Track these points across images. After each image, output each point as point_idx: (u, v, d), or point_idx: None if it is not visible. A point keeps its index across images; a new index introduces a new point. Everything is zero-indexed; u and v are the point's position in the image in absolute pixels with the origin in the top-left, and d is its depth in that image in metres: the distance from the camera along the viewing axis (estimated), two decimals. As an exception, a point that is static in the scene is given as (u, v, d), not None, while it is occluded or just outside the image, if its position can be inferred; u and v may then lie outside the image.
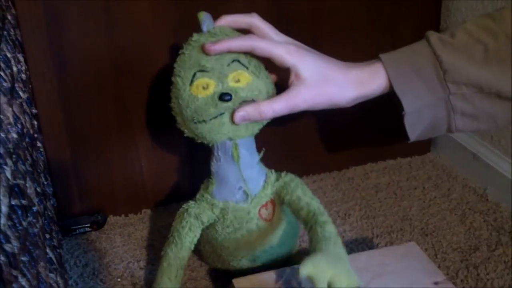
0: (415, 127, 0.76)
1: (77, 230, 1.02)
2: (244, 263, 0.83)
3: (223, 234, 0.81)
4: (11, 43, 0.75)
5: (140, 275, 0.93)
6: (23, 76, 0.82)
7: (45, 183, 0.88)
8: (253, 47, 0.73)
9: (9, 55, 0.69)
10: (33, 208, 0.63)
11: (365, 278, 0.77)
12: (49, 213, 0.86)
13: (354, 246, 0.98)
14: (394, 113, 0.79)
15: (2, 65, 0.63)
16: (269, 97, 0.76)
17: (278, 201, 0.82)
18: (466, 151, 1.13)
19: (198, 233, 0.81)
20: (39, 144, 0.90)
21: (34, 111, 0.91)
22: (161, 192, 1.09)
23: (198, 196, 0.83)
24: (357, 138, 1.17)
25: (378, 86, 0.76)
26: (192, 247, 0.81)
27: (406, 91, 0.74)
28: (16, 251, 0.51)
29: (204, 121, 0.73)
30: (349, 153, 1.19)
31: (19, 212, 0.55)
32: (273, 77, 0.80)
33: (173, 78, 0.75)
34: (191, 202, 0.82)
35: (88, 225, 1.03)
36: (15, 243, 0.50)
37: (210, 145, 0.79)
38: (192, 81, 0.73)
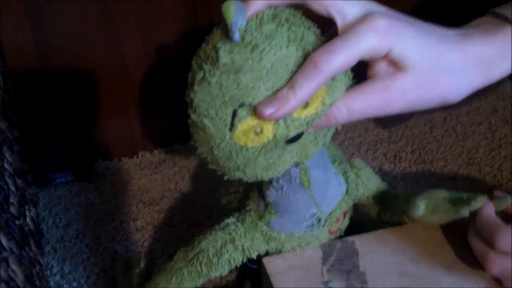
0: None
1: (57, 180, 0.82)
2: None
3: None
4: None
5: (137, 240, 0.73)
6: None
7: (3, 125, 0.66)
8: (335, 69, 0.45)
9: None
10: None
11: (447, 256, 0.56)
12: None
13: (410, 199, 0.77)
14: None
15: None
16: None
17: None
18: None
19: (235, 265, 0.57)
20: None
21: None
22: (162, 130, 0.88)
23: (246, 218, 0.57)
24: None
25: (508, 67, 0.49)
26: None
27: None
28: None
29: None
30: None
31: None
32: None
33: (193, 116, 0.48)
34: (238, 227, 0.57)
35: (71, 172, 0.82)
36: None
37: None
38: (233, 124, 0.47)
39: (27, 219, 0.67)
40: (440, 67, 0.47)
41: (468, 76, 0.48)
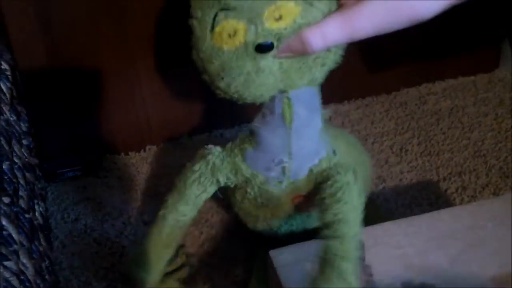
0: None
1: (65, 174, 0.82)
2: (262, 228, 0.65)
3: (243, 201, 0.63)
4: None
5: (145, 234, 0.73)
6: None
7: (11, 118, 0.66)
8: None
9: None
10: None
11: (453, 249, 0.56)
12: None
13: (416, 192, 0.77)
14: (456, 16, 0.54)
15: None
16: None
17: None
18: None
19: (209, 190, 0.61)
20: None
21: None
22: (169, 124, 0.88)
23: (230, 146, 0.61)
24: (409, 52, 0.96)
25: None
26: (199, 203, 0.61)
27: None
28: None
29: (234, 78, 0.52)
30: (400, 71, 0.97)
31: None
32: None
33: (190, 21, 0.54)
34: (218, 149, 0.61)
35: (79, 167, 0.83)
36: None
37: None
38: (213, 26, 0.51)
39: (36, 214, 0.68)
40: None
41: None
